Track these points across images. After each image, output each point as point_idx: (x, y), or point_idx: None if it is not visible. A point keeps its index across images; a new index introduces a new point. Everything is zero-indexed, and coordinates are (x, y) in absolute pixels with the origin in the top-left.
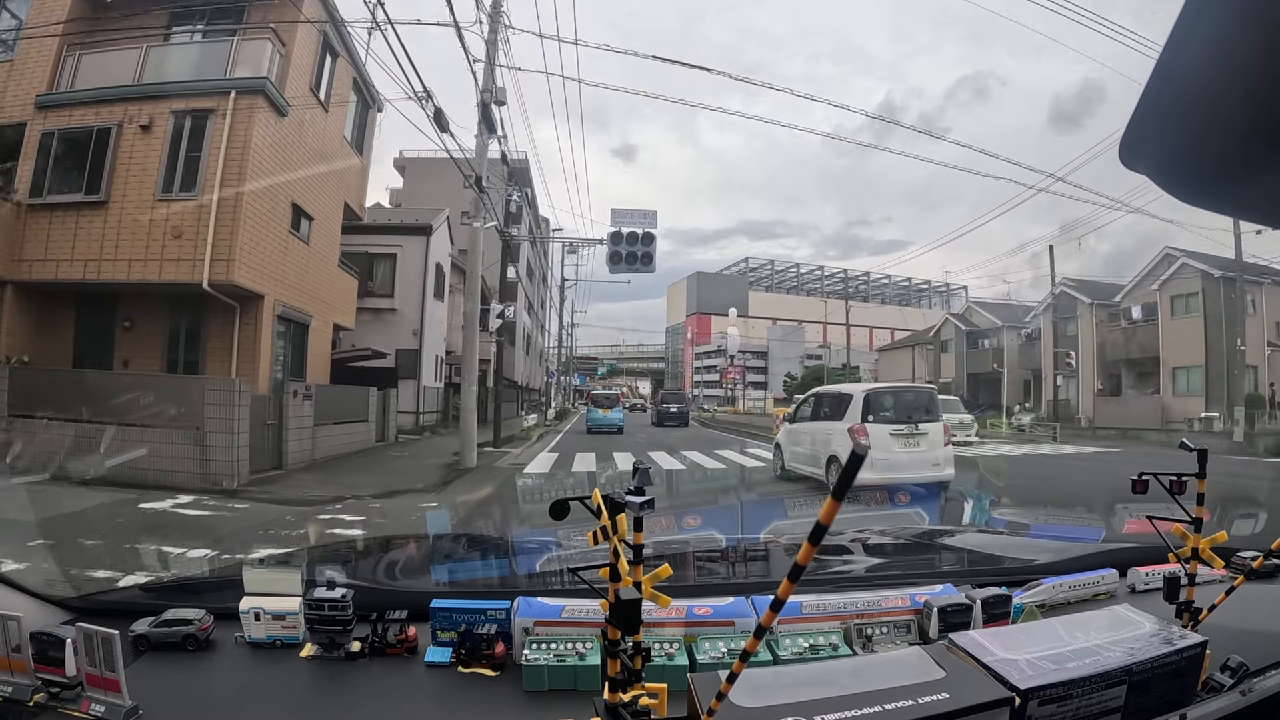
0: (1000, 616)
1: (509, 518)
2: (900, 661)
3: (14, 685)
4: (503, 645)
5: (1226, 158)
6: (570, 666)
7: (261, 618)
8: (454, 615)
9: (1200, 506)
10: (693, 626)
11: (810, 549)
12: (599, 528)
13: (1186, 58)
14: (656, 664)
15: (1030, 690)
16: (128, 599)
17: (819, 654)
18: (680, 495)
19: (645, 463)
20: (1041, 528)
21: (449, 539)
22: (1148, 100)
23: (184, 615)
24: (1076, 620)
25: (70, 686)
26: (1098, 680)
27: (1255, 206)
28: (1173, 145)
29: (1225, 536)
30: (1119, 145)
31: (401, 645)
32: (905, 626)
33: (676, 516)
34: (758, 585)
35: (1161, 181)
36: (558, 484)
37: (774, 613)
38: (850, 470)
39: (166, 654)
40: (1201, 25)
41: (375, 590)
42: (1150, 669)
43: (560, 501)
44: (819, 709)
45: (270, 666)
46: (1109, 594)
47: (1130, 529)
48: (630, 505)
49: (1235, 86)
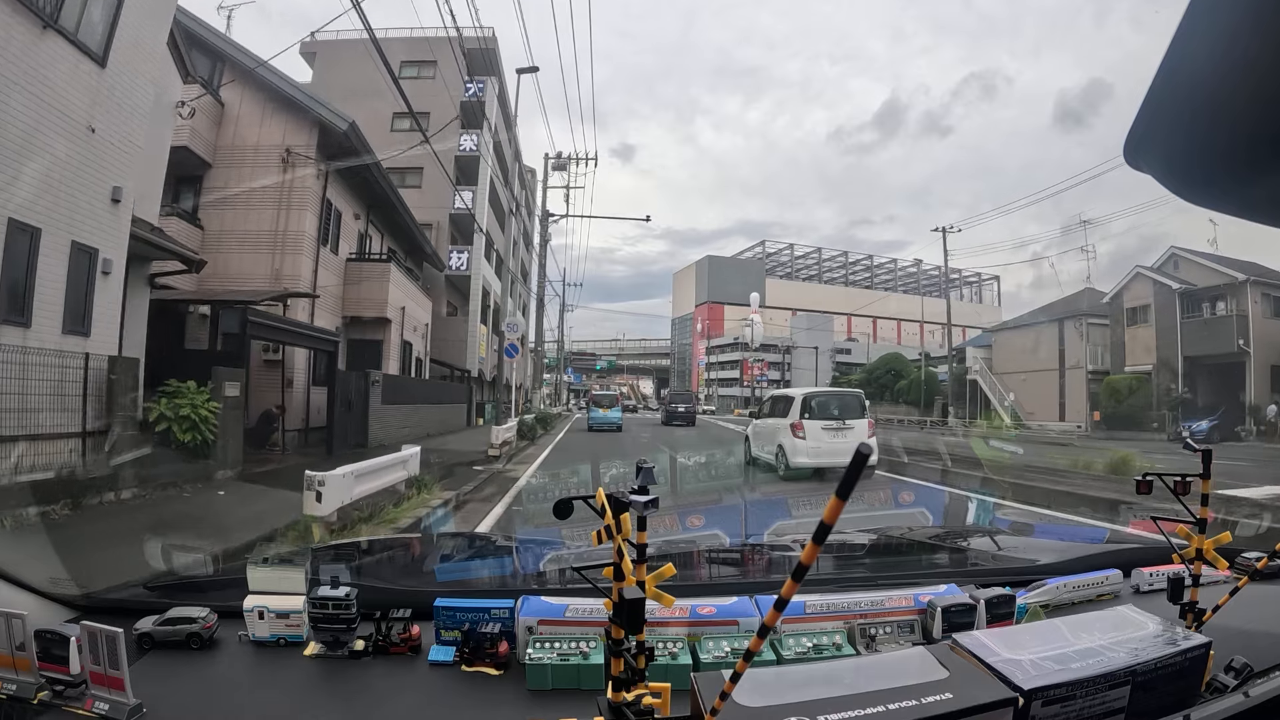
0: (1004, 617)
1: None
2: (904, 661)
3: (18, 683)
4: (506, 644)
5: (1232, 157)
6: (574, 666)
7: (265, 616)
8: (458, 614)
9: (1204, 507)
10: (696, 626)
11: (814, 548)
12: (602, 527)
13: (1191, 57)
14: (660, 663)
15: (1034, 691)
16: (132, 597)
17: (823, 654)
18: (683, 494)
19: (648, 462)
20: (1046, 528)
21: (452, 538)
22: (1153, 100)
23: (188, 613)
24: (1080, 621)
25: (74, 684)
26: (1101, 681)
27: (1261, 206)
28: (1178, 145)
29: (1229, 537)
30: (1124, 145)
31: (405, 644)
32: (909, 626)
33: (680, 516)
34: (761, 585)
35: (1166, 181)
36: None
37: (778, 612)
38: (854, 470)
39: (170, 652)
40: (1206, 25)
41: (379, 589)
42: (1154, 670)
43: (564, 500)
44: (822, 709)
45: (274, 665)
46: (1113, 595)
47: (1134, 529)
48: (634, 504)
49: (1240, 86)
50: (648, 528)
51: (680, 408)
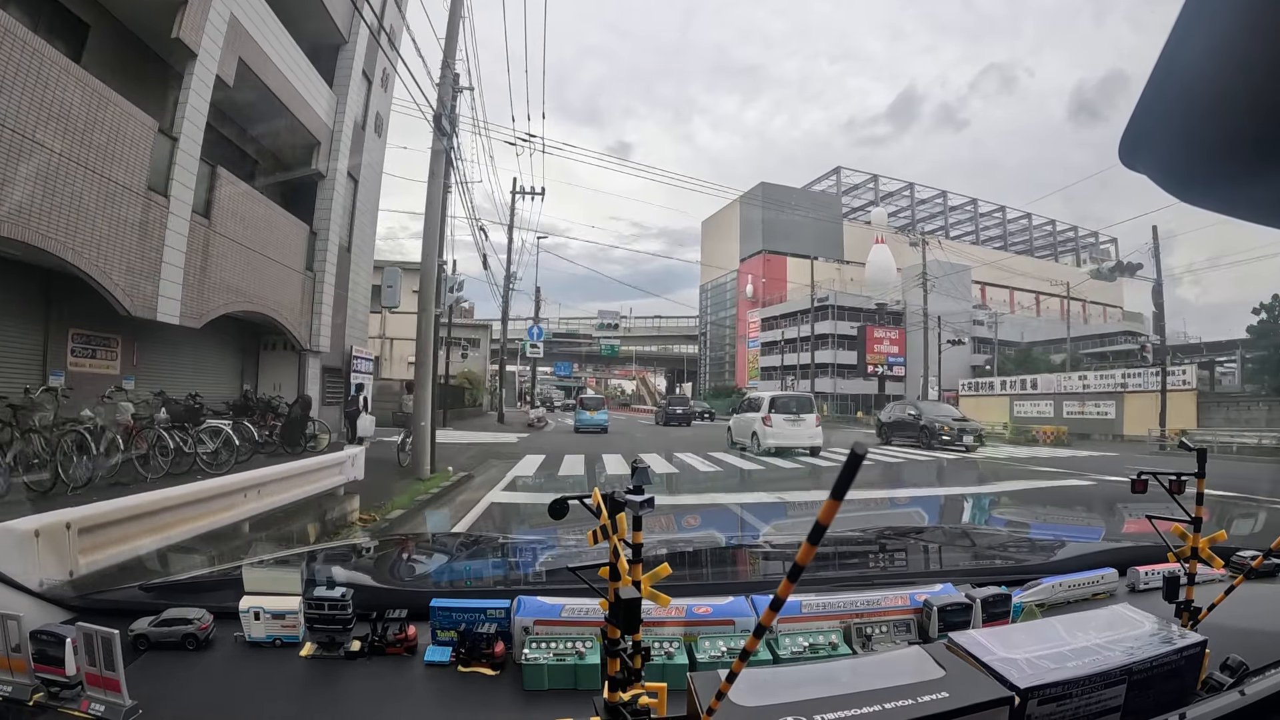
0: (1000, 616)
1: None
2: (900, 661)
3: (14, 685)
4: (502, 644)
5: (1227, 157)
6: (570, 665)
7: (261, 617)
8: (454, 614)
9: (1200, 506)
10: (692, 625)
11: (810, 548)
12: (598, 527)
13: (1186, 57)
14: (656, 663)
15: (1030, 689)
16: (127, 598)
17: (819, 653)
18: (679, 494)
19: (643, 462)
20: (1041, 527)
21: (448, 538)
22: (1147, 100)
23: (184, 614)
24: (1076, 619)
25: (70, 686)
26: (1097, 679)
27: (1256, 206)
28: (1173, 145)
29: (1225, 536)
30: (1119, 145)
31: (401, 644)
32: (905, 626)
33: (676, 516)
34: (757, 584)
35: (1161, 181)
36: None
37: (774, 612)
38: (850, 469)
39: (166, 653)
40: (1201, 25)
41: (375, 589)
42: (1150, 668)
43: (559, 500)
44: (819, 708)
45: (270, 665)
46: (1109, 593)
47: (1130, 528)
48: (630, 504)
49: (1235, 86)
50: (643, 527)
51: (678, 409)
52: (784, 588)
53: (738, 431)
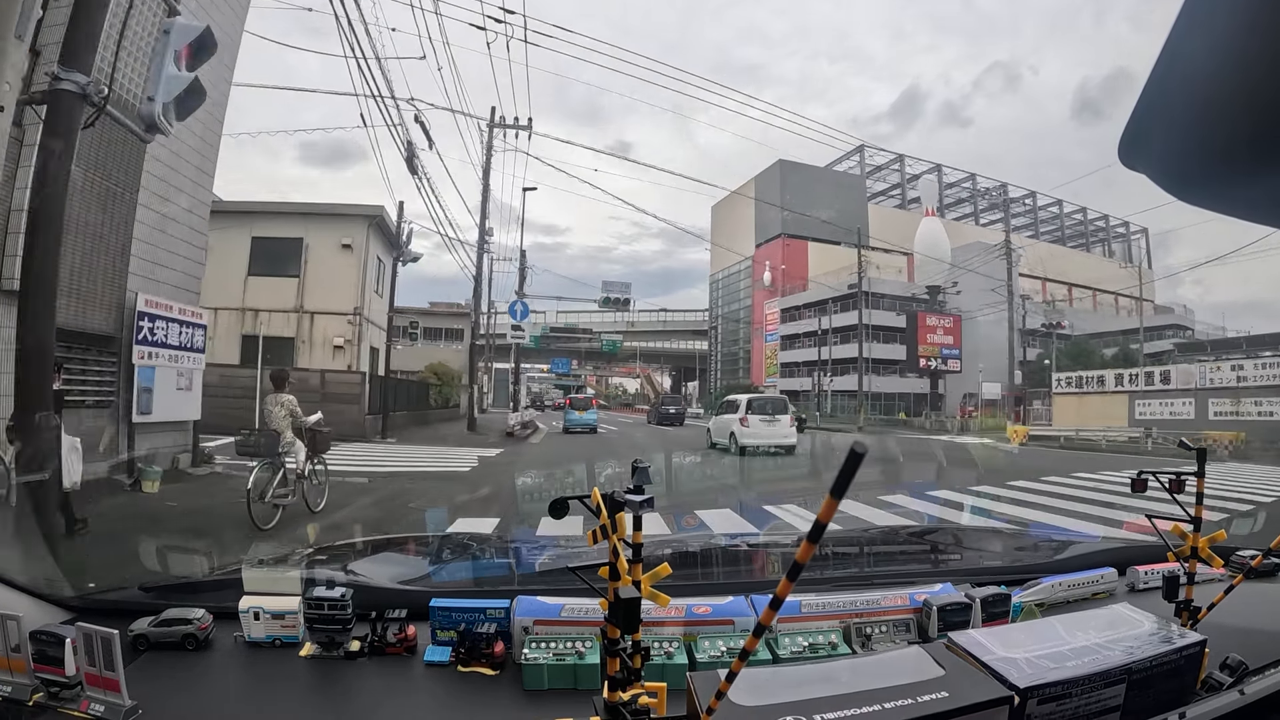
0: (999, 615)
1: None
2: (899, 660)
3: (13, 685)
4: (502, 644)
5: (1226, 157)
6: (570, 665)
7: (261, 617)
8: (453, 614)
9: (1199, 505)
10: (692, 625)
11: (809, 547)
12: (598, 526)
13: (1186, 57)
14: (656, 663)
15: (1029, 689)
16: (127, 598)
17: (818, 653)
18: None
19: (643, 461)
20: (1041, 526)
21: (448, 538)
22: (1147, 99)
23: (183, 615)
24: (1076, 619)
25: (70, 686)
26: (1097, 679)
27: (1256, 206)
28: (1172, 145)
29: (1224, 535)
30: (1118, 145)
31: (401, 644)
32: (904, 625)
33: (676, 515)
34: (757, 584)
35: (1161, 181)
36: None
37: (773, 611)
38: (849, 468)
39: (166, 653)
40: (1201, 24)
41: (374, 589)
42: (1149, 668)
43: (559, 500)
44: (818, 708)
45: (270, 666)
46: (1108, 593)
47: (1129, 528)
48: (630, 504)
49: (1235, 85)
50: (643, 527)
51: (671, 409)
52: (783, 587)
53: (716, 432)
